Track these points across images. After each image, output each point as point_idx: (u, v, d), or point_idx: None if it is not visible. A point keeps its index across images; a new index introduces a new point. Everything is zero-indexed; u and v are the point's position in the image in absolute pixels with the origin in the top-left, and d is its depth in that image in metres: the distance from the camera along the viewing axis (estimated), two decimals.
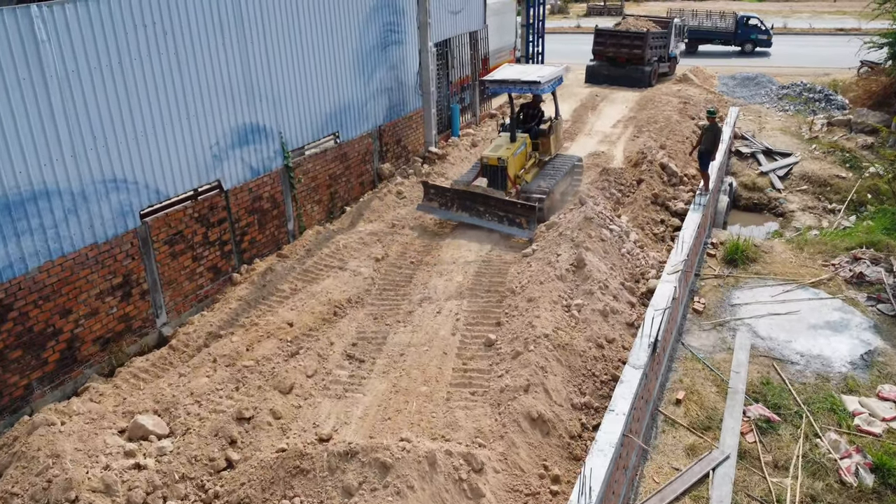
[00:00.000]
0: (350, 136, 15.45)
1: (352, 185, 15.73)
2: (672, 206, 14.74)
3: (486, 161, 14.26)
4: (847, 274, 14.08)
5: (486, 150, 14.66)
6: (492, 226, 13.59)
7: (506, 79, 14.50)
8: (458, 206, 14.07)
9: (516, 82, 14.34)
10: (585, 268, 10.82)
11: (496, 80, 14.69)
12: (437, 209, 14.35)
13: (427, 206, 14.49)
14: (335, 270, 12.36)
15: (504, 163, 14.05)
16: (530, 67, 16.10)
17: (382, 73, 16.42)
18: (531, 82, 14.16)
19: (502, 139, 15.00)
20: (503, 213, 13.52)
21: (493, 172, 14.23)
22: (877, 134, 21.86)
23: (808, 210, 18.33)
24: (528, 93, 14.85)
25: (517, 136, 14.87)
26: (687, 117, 22.02)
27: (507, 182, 14.21)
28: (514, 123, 15.15)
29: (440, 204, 14.32)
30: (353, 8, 14.96)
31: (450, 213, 14.17)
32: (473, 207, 13.86)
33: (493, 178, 14.27)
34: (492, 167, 14.20)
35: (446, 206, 14.23)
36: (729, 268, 14.38)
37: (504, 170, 14.10)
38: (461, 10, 20.20)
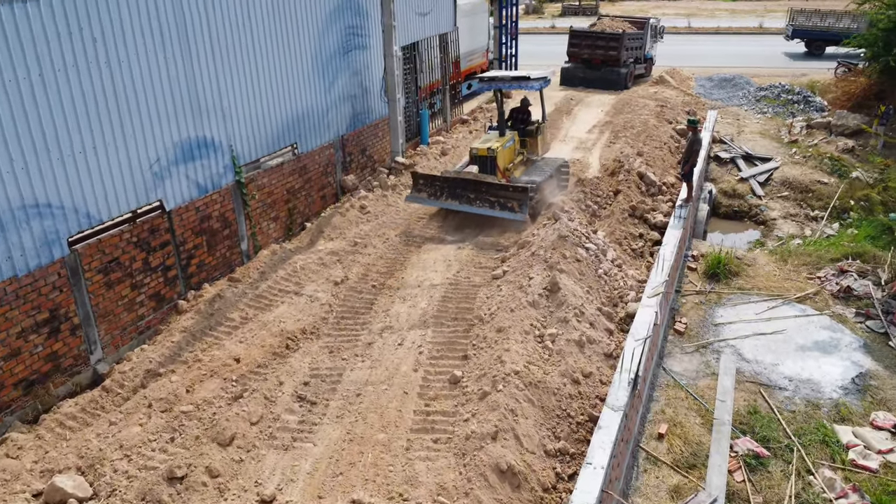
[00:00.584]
0: (310, 147, 14.51)
1: (312, 199, 14.79)
2: (651, 218, 13.98)
3: (476, 152, 14.44)
4: (834, 288, 13.43)
5: (476, 143, 14.94)
6: (483, 211, 13.69)
7: (496, 76, 15.22)
8: (447, 194, 14.15)
9: (505, 79, 15.04)
10: (560, 292, 9.99)
11: (487, 78, 15.32)
12: (427, 199, 14.39)
13: (416, 196, 14.54)
14: (290, 296, 11.42)
15: (493, 153, 14.19)
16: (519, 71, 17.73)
17: (345, 80, 15.49)
18: (521, 78, 14.81)
19: (491, 135, 15.30)
20: (495, 199, 13.64)
21: (482, 163, 14.39)
22: (857, 136, 21.34)
23: (790, 218, 17.71)
24: (517, 89, 15.31)
25: (507, 132, 15.16)
26: (664, 121, 21.33)
27: (497, 173, 14.31)
28: (503, 119, 15.37)
29: (429, 194, 14.36)
30: (312, 10, 14.01)
31: (439, 202, 14.26)
32: (464, 195, 13.94)
33: (482, 169, 14.40)
34: (481, 158, 14.36)
35: (435, 196, 14.30)
36: (711, 283, 13.67)
37: (493, 160, 14.23)
38: (430, 12, 19.32)
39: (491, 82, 15.21)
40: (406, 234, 13.60)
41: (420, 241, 13.25)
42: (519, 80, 14.79)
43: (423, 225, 14.06)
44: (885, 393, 10.48)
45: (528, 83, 14.74)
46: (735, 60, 32.88)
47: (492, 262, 11.98)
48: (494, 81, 15.11)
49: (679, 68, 29.53)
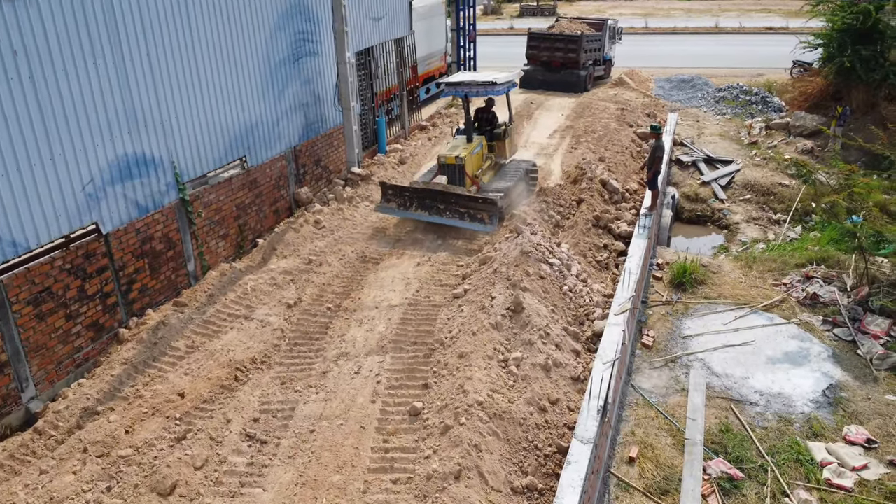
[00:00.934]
0: (260, 159, 13.82)
1: (264, 214, 14.10)
2: (615, 228, 13.63)
3: (444, 160, 14.26)
4: (800, 295, 13.26)
5: (443, 150, 14.78)
6: (453, 223, 13.64)
7: (462, 81, 14.75)
8: (416, 205, 14.06)
9: (472, 84, 14.54)
10: (524, 313, 9.54)
11: (453, 83, 14.90)
12: (396, 209, 14.29)
13: (386, 207, 14.44)
14: (240, 321, 10.76)
15: (462, 161, 14.06)
16: (484, 73, 16.34)
17: (296, 88, 14.83)
18: (487, 83, 14.35)
19: (458, 141, 15.16)
20: (464, 210, 13.56)
21: (451, 171, 14.22)
22: (816, 137, 21.41)
23: (753, 221, 17.59)
24: (484, 95, 14.94)
25: (474, 137, 15.00)
26: (625, 125, 21.11)
27: (466, 180, 14.19)
28: (471, 125, 15.17)
29: (399, 204, 14.27)
30: (259, 16, 13.34)
31: (409, 212, 14.15)
32: (433, 206, 13.86)
33: (451, 177, 14.20)
34: (450, 166, 14.20)
35: (405, 206, 14.21)
36: (677, 292, 13.38)
37: (462, 168, 14.10)
38: (384, 16, 18.75)
39: (458, 88, 14.88)
40: (363, 250, 13.02)
41: (378, 258, 12.68)
42: (486, 86, 14.46)
43: (381, 239, 13.50)
44: (855, 405, 10.27)
45: (494, 88, 14.48)
46: (693, 61, 32.98)
47: (453, 278, 11.48)
48: (461, 87, 14.80)
49: (638, 70, 29.46)
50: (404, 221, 14.35)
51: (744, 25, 43.13)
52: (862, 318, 12.32)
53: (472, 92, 14.71)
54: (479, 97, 15.00)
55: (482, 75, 15.17)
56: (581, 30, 27.75)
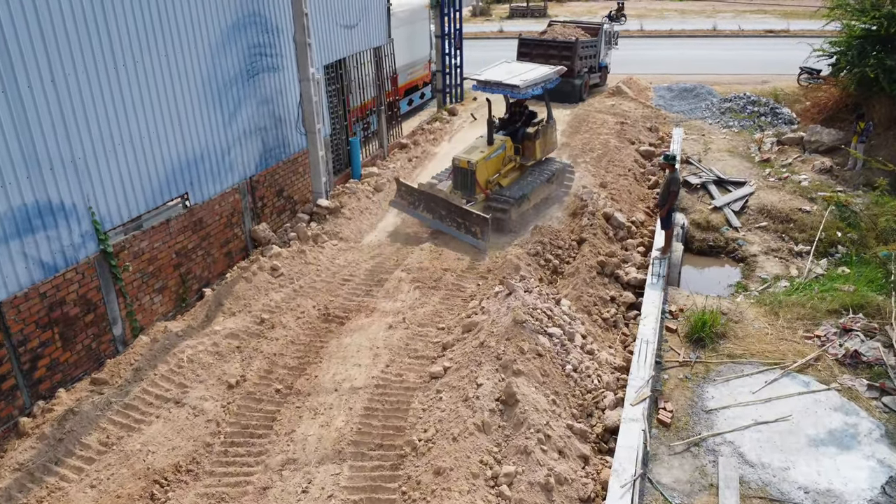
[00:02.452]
0: (206, 195, 11.79)
1: (213, 258, 12.07)
2: (623, 275, 11.67)
3: (458, 163, 13.84)
4: (838, 351, 11.35)
5: (460, 151, 14.33)
6: (451, 231, 13.38)
7: (488, 80, 14.05)
8: (424, 206, 13.90)
9: (497, 84, 13.85)
10: (517, 406, 7.56)
11: (481, 81, 14.17)
12: (408, 207, 14.25)
13: (399, 202, 14.45)
14: (169, 406, 8.73)
15: (473, 167, 13.58)
16: (523, 66, 15.39)
17: (251, 109, 12.80)
18: (510, 86, 13.63)
19: (478, 141, 14.60)
20: (461, 220, 13.21)
21: (462, 175, 13.82)
22: (833, 153, 19.57)
23: (772, 253, 15.68)
24: (506, 94, 14.32)
25: (498, 138, 14.42)
26: (626, 141, 19.20)
27: (476, 187, 13.72)
28: (491, 125, 14.45)
29: (410, 203, 14.21)
30: (201, 26, 11.29)
31: (417, 212, 14.05)
32: (437, 210, 13.62)
33: (462, 182, 13.89)
34: (461, 170, 13.79)
35: (414, 206, 14.13)
36: (695, 349, 11.45)
37: (473, 174, 13.60)
38: (357, 24, 16.72)
39: (483, 86, 14.09)
40: (327, 304, 11.00)
41: (343, 315, 10.67)
42: (508, 87, 13.68)
43: (348, 290, 11.47)
44: None
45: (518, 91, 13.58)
46: (692, 66, 31.09)
47: (431, 348, 9.47)
48: (486, 85, 14.01)
49: (636, 77, 27.54)
50: (379, 263, 12.36)
51: (742, 28, 41.32)
52: None
53: (496, 91, 13.99)
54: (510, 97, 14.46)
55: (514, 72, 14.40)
56: (575, 35, 25.80)
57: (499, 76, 14.11)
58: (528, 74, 14.28)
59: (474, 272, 11.77)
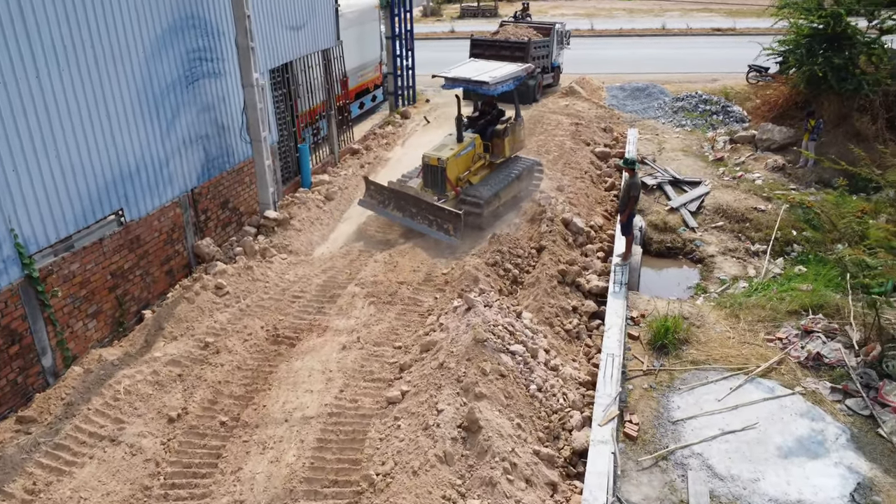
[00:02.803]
0: (144, 210, 11.05)
1: (152, 277, 11.33)
2: (584, 283, 11.34)
3: (427, 160, 13.80)
4: (800, 354, 11.24)
5: (429, 149, 14.24)
6: (422, 229, 13.32)
7: (457, 77, 14.10)
8: (394, 205, 13.85)
9: (467, 81, 13.88)
10: (481, 433, 7.12)
11: (450, 77, 14.14)
12: (377, 206, 14.12)
13: (368, 201, 14.32)
14: (104, 444, 8.04)
15: (443, 164, 13.57)
16: (491, 64, 15.45)
17: (191, 117, 12.09)
18: (479, 82, 13.62)
19: (448, 138, 14.64)
20: (432, 217, 13.21)
21: (432, 173, 13.80)
22: (785, 151, 19.70)
23: (730, 253, 15.61)
24: (477, 92, 14.22)
25: (467, 136, 14.42)
26: (581, 143, 18.97)
27: (447, 185, 13.72)
28: (460, 123, 14.46)
29: (379, 202, 14.09)
30: (134, 30, 10.56)
31: (387, 211, 13.96)
32: (407, 208, 13.60)
33: (432, 179, 13.85)
34: (431, 167, 13.76)
35: (384, 205, 14.04)
36: (658, 356, 11.20)
37: (443, 171, 13.61)
38: (304, 25, 16.08)
39: (452, 83, 14.08)
40: (276, 323, 10.39)
41: (294, 336, 10.07)
42: (478, 84, 13.65)
43: (299, 307, 10.88)
44: None
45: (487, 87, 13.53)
46: (643, 65, 31.23)
47: (387, 369, 8.97)
48: (456, 83, 14.03)
49: (589, 77, 27.44)
50: (332, 277, 11.79)
51: (691, 27, 41.80)
52: (878, 386, 10.38)
53: (466, 87, 14.09)
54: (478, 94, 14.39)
55: (483, 70, 14.44)
56: (527, 35, 25.56)
57: (468, 73, 14.11)
58: (497, 72, 14.27)
59: (431, 284, 11.31)
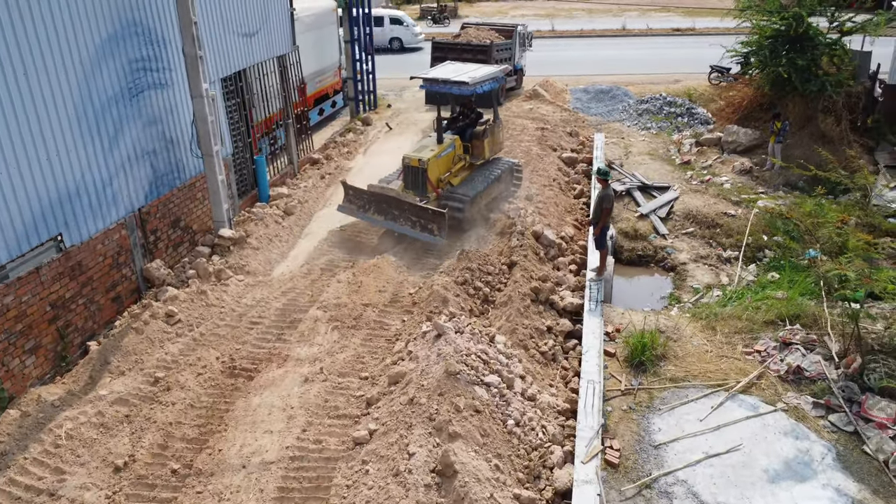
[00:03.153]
0: (85, 234, 10.23)
1: (98, 305, 10.52)
2: (559, 301, 10.86)
3: (408, 162, 13.74)
4: (780, 367, 10.94)
5: (409, 150, 14.31)
6: (405, 231, 13.30)
7: (436, 77, 14.17)
8: (374, 208, 13.74)
9: (445, 82, 13.89)
10: (457, 478, 6.56)
11: (428, 79, 14.26)
12: (357, 211, 14.01)
13: (347, 206, 14.16)
14: (43, 499, 7.26)
15: (424, 165, 13.50)
16: (468, 66, 15.35)
17: (136, 132, 11.29)
18: (459, 83, 13.66)
19: (430, 139, 14.60)
20: (416, 219, 13.16)
21: (413, 174, 13.73)
22: (751, 153, 19.59)
23: (702, 261, 15.34)
24: (455, 93, 14.19)
25: (447, 137, 14.44)
26: (548, 148, 18.56)
27: (428, 186, 13.65)
28: (441, 124, 14.50)
29: (359, 206, 13.99)
30: (69, 41, 9.74)
31: (367, 215, 13.88)
32: (388, 211, 13.54)
33: (413, 181, 13.78)
34: (412, 168, 13.68)
35: (364, 209, 13.93)
36: (636, 374, 10.79)
37: (424, 172, 13.54)
38: (258, 31, 15.33)
39: (431, 84, 14.14)
40: (233, 353, 9.69)
41: (252, 367, 9.38)
42: (457, 85, 13.69)
43: (257, 335, 10.18)
44: None
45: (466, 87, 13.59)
46: (604, 66, 31.05)
47: (353, 404, 8.35)
48: (434, 84, 14.08)
49: (553, 80, 27.09)
50: (292, 300, 11.10)
51: (651, 27, 41.90)
52: (861, 401, 10.11)
53: (444, 89, 14.03)
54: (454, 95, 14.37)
55: (459, 72, 14.38)
56: (489, 37, 25.10)
57: (446, 75, 14.11)
58: (475, 73, 14.31)
59: (398, 306, 10.71)
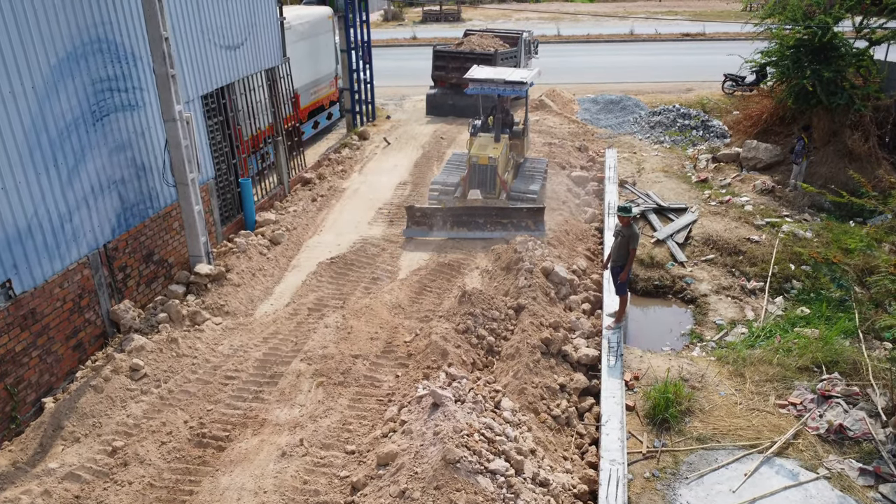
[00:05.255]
0: (40, 278, 9.07)
1: (56, 356, 9.36)
2: (572, 353, 9.65)
3: (477, 160, 14.16)
4: (820, 425, 9.77)
5: (474, 150, 14.58)
6: (495, 235, 13.56)
7: (490, 78, 14.75)
8: (452, 222, 13.90)
9: (500, 82, 14.49)
10: None
11: (479, 80, 14.74)
12: (428, 231, 13.94)
13: (416, 230, 14.05)
14: None
15: (494, 162, 14.10)
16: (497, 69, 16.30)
17: (101, 160, 10.14)
18: (517, 82, 14.46)
19: (485, 139, 15.02)
20: (507, 220, 13.68)
21: (482, 173, 14.19)
22: (772, 171, 18.39)
23: (724, 292, 14.12)
24: (512, 94, 15.02)
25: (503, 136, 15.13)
26: (556, 167, 17.38)
27: (497, 182, 14.23)
28: (500, 123, 15.23)
29: (429, 226, 14.00)
30: (19, 61, 8.59)
31: (444, 232, 13.87)
32: (471, 221, 13.83)
33: (482, 179, 14.20)
34: (481, 167, 14.15)
35: (439, 227, 13.95)
36: (660, 433, 9.62)
37: (494, 169, 14.13)
38: (243, 43, 14.18)
39: (483, 85, 14.66)
40: (203, 416, 8.52)
41: (223, 436, 8.20)
42: (515, 85, 14.52)
43: (232, 392, 9.01)
44: None
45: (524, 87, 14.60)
46: (613, 73, 29.87)
47: (335, 488, 7.17)
48: (487, 84, 14.62)
49: (560, 89, 25.90)
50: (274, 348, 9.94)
51: (659, 32, 40.70)
52: None
53: (500, 90, 14.54)
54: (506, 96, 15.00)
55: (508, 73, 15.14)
56: (493, 46, 23.94)
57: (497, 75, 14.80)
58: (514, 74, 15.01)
59: (391, 357, 9.53)
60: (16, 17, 8.47)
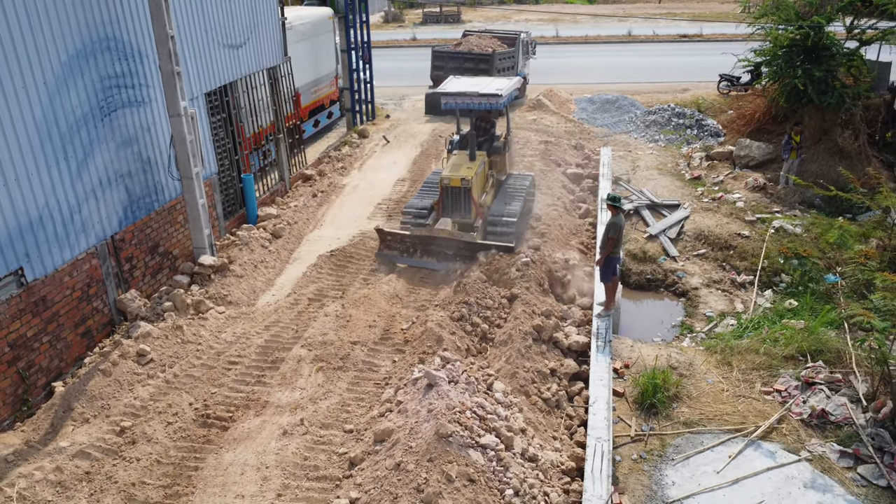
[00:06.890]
0: (51, 266, 9.44)
1: (65, 343, 9.73)
2: (563, 339, 10.02)
3: (448, 182, 12.87)
4: (802, 410, 10.11)
5: (446, 171, 13.31)
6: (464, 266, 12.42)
7: (463, 91, 13.21)
8: (421, 251, 12.98)
9: (473, 95, 12.99)
10: None
11: (451, 94, 13.24)
12: (399, 256, 13.14)
13: (387, 254, 13.25)
14: None
15: (468, 184, 12.77)
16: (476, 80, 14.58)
17: (109, 154, 10.51)
18: (490, 95, 12.93)
19: (459, 157, 13.76)
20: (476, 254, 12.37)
21: (454, 196, 12.97)
22: (765, 168, 18.74)
23: (714, 285, 14.48)
24: (486, 108, 13.24)
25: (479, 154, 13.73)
26: (552, 164, 17.74)
27: (472, 206, 12.99)
28: (475, 140, 13.72)
29: (401, 251, 13.14)
30: (31, 58, 8.96)
31: (413, 259, 13.00)
32: (439, 251, 12.77)
33: (454, 204, 13.03)
34: (453, 189, 12.89)
35: (408, 253, 13.08)
36: (648, 417, 9.97)
37: (468, 191, 12.85)
38: (245, 43, 14.55)
39: (456, 99, 13.14)
40: (208, 398, 8.88)
41: (227, 415, 8.57)
42: (489, 98, 12.90)
43: (235, 376, 9.37)
44: None
45: (498, 101, 12.88)
46: (610, 74, 30.24)
47: (335, 463, 7.53)
48: (460, 98, 13.11)
49: (557, 89, 26.26)
50: (275, 336, 10.31)
51: (657, 33, 41.07)
52: (894, 451, 9.27)
53: (474, 104, 13.04)
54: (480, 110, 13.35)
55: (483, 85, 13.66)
56: (491, 46, 24.31)
57: (469, 87, 13.36)
58: (490, 87, 13.54)
59: (389, 343, 9.89)
60: (28, 15, 8.84)
